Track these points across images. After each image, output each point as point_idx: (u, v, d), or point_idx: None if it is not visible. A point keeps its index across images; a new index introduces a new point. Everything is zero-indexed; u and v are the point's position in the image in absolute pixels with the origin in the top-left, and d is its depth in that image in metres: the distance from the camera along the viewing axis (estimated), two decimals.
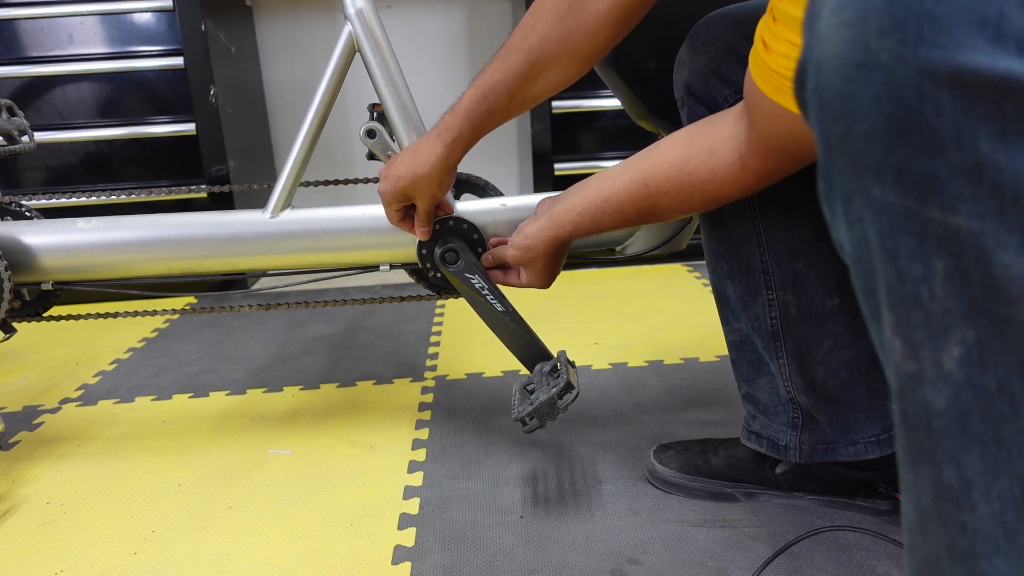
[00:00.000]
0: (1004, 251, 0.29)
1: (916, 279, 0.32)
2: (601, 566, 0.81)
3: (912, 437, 0.34)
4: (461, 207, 0.99)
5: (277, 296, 1.82)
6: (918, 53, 0.29)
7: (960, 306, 0.31)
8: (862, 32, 0.30)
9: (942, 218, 0.30)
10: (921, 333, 0.32)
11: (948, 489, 0.33)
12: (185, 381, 1.39)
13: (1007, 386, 0.31)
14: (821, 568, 0.78)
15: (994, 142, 0.28)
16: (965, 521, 0.33)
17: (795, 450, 0.86)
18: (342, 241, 1.00)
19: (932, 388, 0.33)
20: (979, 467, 0.32)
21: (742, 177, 0.69)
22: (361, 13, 0.96)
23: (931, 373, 0.32)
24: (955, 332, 0.31)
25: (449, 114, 0.83)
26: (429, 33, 2.27)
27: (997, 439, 0.31)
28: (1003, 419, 0.31)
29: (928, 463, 0.34)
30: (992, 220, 0.29)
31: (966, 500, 0.33)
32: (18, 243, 0.99)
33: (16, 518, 0.96)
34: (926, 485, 0.34)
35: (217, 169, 1.91)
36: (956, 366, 0.32)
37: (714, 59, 0.78)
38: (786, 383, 0.84)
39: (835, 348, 0.81)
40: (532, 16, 0.77)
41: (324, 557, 0.85)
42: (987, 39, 0.28)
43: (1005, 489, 0.32)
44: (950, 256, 0.30)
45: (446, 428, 1.14)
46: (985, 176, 0.29)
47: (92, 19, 1.81)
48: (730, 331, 0.89)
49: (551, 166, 2.01)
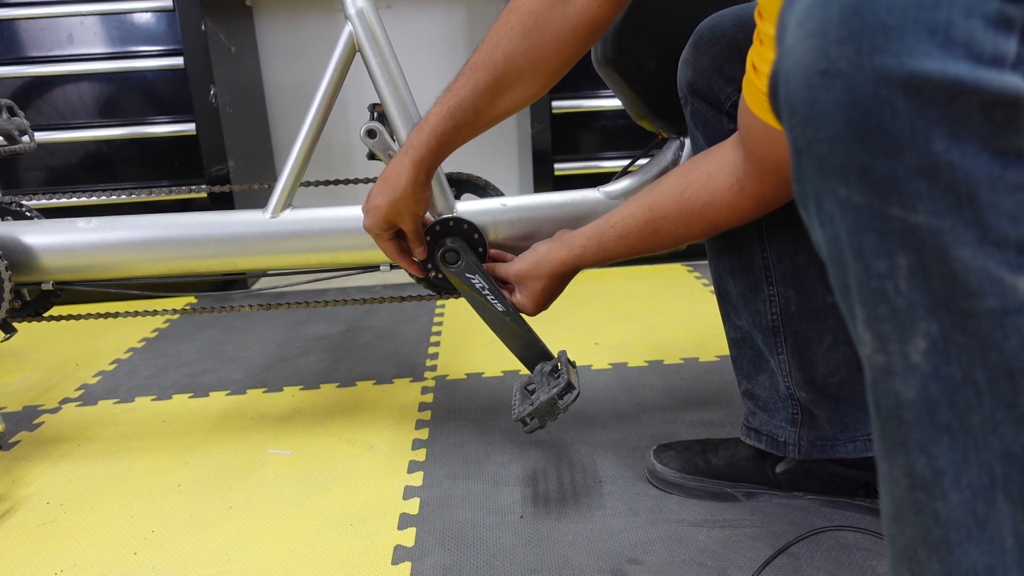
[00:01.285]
0: (962, 246, 0.31)
1: (881, 274, 0.33)
2: (601, 566, 0.81)
3: (885, 428, 0.35)
4: (461, 207, 0.99)
5: (277, 296, 1.82)
6: (873, 60, 0.30)
7: (923, 300, 0.32)
8: (823, 42, 0.32)
9: (903, 216, 0.31)
10: (888, 326, 0.34)
11: (921, 479, 0.34)
12: (185, 381, 1.39)
13: (971, 376, 0.32)
14: (821, 568, 0.78)
15: (947, 142, 0.30)
16: (938, 510, 0.34)
17: (794, 446, 0.86)
18: (342, 241, 1.00)
19: (901, 380, 0.34)
20: (948, 456, 0.33)
21: (740, 201, 0.70)
22: (361, 13, 0.96)
23: (899, 365, 0.34)
24: (920, 325, 0.33)
25: (415, 132, 0.82)
26: (429, 33, 2.27)
27: (964, 428, 0.33)
28: (969, 408, 0.32)
29: (901, 453, 0.35)
30: (949, 216, 0.31)
31: (938, 489, 0.34)
32: (18, 243, 0.99)
33: (16, 518, 0.96)
34: (900, 475, 0.35)
35: (217, 169, 1.91)
36: (923, 358, 0.33)
37: (717, 58, 0.78)
38: (786, 379, 0.85)
39: (835, 344, 0.82)
40: (496, 33, 0.77)
41: (324, 557, 0.85)
42: (936, 45, 0.29)
43: (974, 477, 0.33)
44: (912, 252, 0.32)
45: (446, 428, 1.14)
46: (940, 175, 0.30)
47: (92, 19, 1.81)
48: (731, 328, 0.90)
49: (551, 166, 2.01)
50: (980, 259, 0.31)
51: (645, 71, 0.92)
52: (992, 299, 0.31)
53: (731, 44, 0.78)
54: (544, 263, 0.87)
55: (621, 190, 0.99)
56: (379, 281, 1.99)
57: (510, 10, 0.77)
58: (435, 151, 0.81)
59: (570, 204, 0.99)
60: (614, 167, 1.97)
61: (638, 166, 1.02)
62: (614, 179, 1.01)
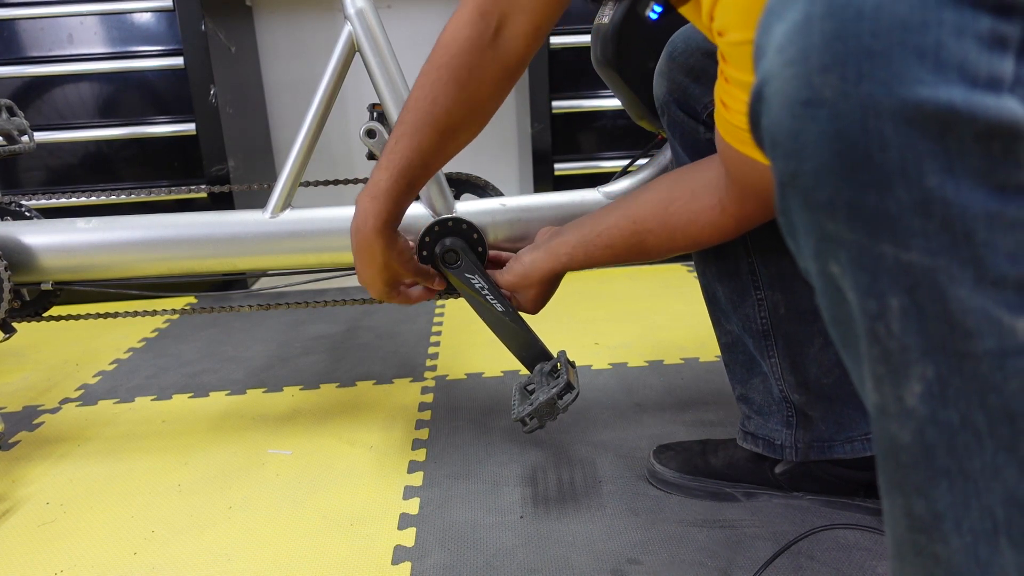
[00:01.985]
0: (958, 286, 0.29)
1: (872, 315, 0.31)
2: (601, 566, 0.81)
3: (885, 467, 0.34)
4: (461, 207, 0.99)
5: (277, 296, 1.82)
6: (860, 89, 0.29)
7: (918, 342, 0.31)
8: (805, 70, 0.30)
9: (895, 254, 0.30)
10: (882, 368, 0.32)
11: (920, 521, 0.33)
12: (185, 381, 1.39)
13: (970, 420, 0.31)
14: (821, 568, 0.78)
15: (941, 176, 0.28)
16: (938, 553, 0.33)
17: (791, 449, 0.86)
18: (342, 241, 0.99)
19: (897, 423, 0.32)
20: (948, 500, 0.32)
21: (722, 220, 0.71)
22: (361, 13, 0.96)
23: (894, 408, 0.32)
24: (915, 368, 0.31)
25: (368, 200, 0.79)
26: (429, 33, 2.26)
27: (964, 472, 0.31)
28: (968, 453, 0.31)
29: (899, 495, 0.34)
30: (944, 255, 0.29)
31: (938, 532, 0.32)
32: (18, 243, 0.99)
33: (16, 518, 0.96)
34: (900, 515, 0.34)
35: (217, 169, 1.91)
36: (918, 402, 0.31)
37: (692, 69, 0.79)
38: (779, 382, 0.85)
39: (826, 345, 0.82)
40: (428, 89, 0.76)
41: (324, 557, 0.85)
42: (927, 70, 0.28)
43: (976, 522, 0.31)
44: (905, 292, 0.30)
45: (446, 428, 1.14)
46: (935, 211, 0.29)
47: (92, 19, 1.81)
48: (722, 333, 0.90)
49: (551, 166, 2.01)
50: (977, 299, 0.29)
51: (645, 71, 0.92)
52: (991, 341, 0.29)
53: (706, 55, 0.78)
54: (532, 274, 0.87)
55: (621, 190, 0.99)
56: None
57: (438, 66, 0.76)
58: (395, 213, 0.80)
59: (570, 204, 0.99)
60: (614, 167, 1.97)
61: (638, 166, 1.02)
62: (614, 179, 1.01)
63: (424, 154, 0.78)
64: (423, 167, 0.79)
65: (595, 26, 0.93)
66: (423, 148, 0.77)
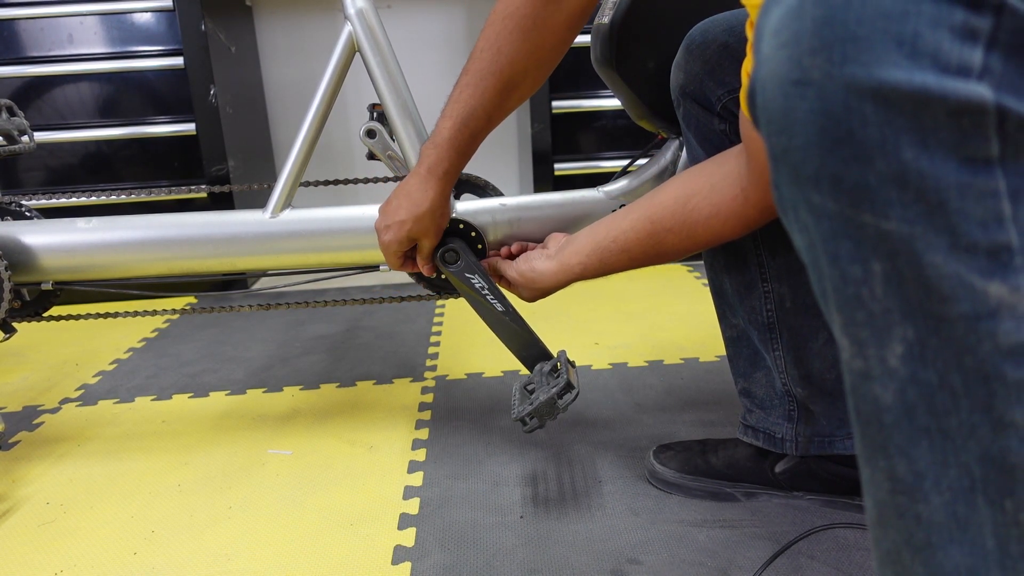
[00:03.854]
0: (934, 252, 0.31)
1: (857, 281, 0.33)
2: (601, 566, 0.81)
3: (866, 432, 0.36)
4: (461, 207, 0.99)
5: (277, 296, 1.82)
6: (844, 70, 0.31)
7: (899, 305, 0.33)
8: (796, 52, 0.32)
9: (875, 223, 0.32)
10: (866, 332, 0.34)
11: (902, 482, 0.35)
12: (185, 381, 1.39)
13: (947, 380, 0.32)
14: (821, 568, 0.78)
15: (916, 150, 0.30)
16: (920, 513, 0.34)
17: (792, 443, 0.86)
18: (342, 241, 1.00)
19: (880, 384, 0.34)
20: (928, 459, 0.34)
21: (744, 211, 0.70)
22: (361, 13, 0.96)
23: (878, 370, 0.34)
24: (896, 330, 0.33)
25: (431, 148, 0.83)
26: (429, 33, 2.27)
27: (943, 431, 0.33)
28: (946, 411, 0.33)
29: (882, 457, 0.35)
30: (920, 223, 0.31)
31: (919, 492, 0.34)
32: (18, 243, 0.99)
33: (16, 518, 0.96)
34: (882, 479, 0.36)
35: (217, 169, 1.91)
36: (900, 362, 0.33)
37: (708, 61, 0.79)
38: (782, 375, 0.85)
39: (830, 341, 0.82)
40: (494, 39, 0.79)
41: (324, 557, 0.85)
42: (904, 56, 0.30)
43: (954, 480, 0.33)
44: (886, 258, 0.32)
45: (446, 428, 1.14)
46: (910, 182, 0.31)
47: (92, 19, 1.81)
48: (727, 326, 0.90)
49: (551, 166, 2.01)
50: (952, 265, 0.31)
51: (645, 71, 0.92)
52: (965, 304, 0.31)
53: (722, 48, 0.78)
54: (540, 282, 0.87)
55: (621, 190, 0.99)
56: (379, 281, 1.99)
57: (503, 16, 0.78)
58: (456, 163, 0.83)
59: (570, 204, 0.99)
60: (614, 167, 1.97)
61: (638, 166, 1.02)
62: (614, 179, 1.01)
63: (487, 104, 0.80)
64: (486, 118, 0.81)
65: (595, 26, 0.93)
66: (486, 98, 0.80)
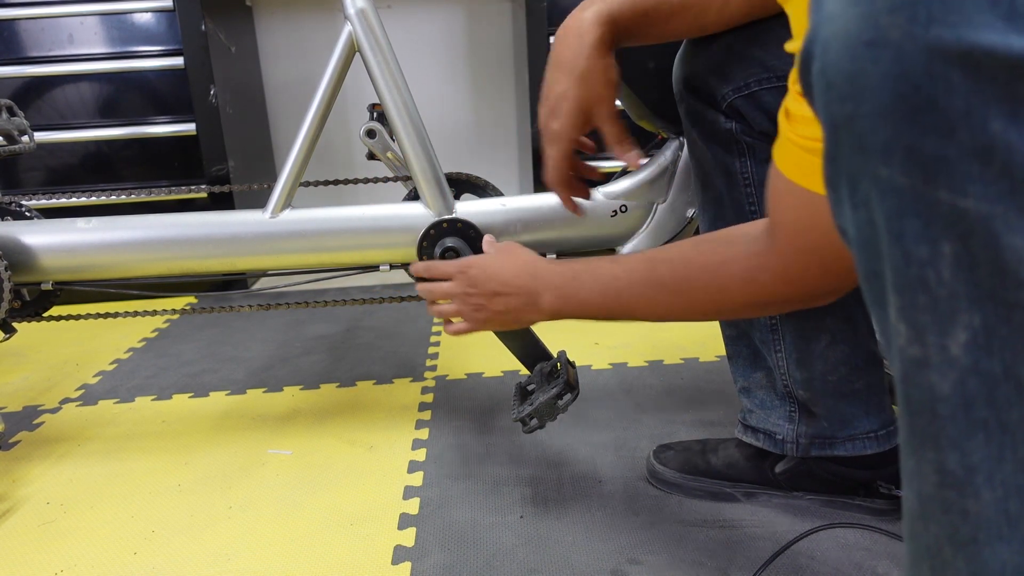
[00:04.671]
0: (1013, 234, 0.29)
1: (923, 262, 0.31)
2: (601, 566, 0.81)
3: (916, 423, 0.34)
4: (461, 207, 0.99)
5: (277, 296, 1.82)
6: (929, 31, 0.28)
7: (967, 290, 0.31)
8: (871, 10, 0.30)
9: (951, 200, 0.30)
10: (927, 317, 0.32)
11: (951, 476, 0.33)
12: (185, 381, 1.39)
13: (1013, 371, 0.31)
14: (821, 568, 0.78)
15: (1005, 122, 0.28)
16: (968, 508, 0.33)
17: (792, 444, 0.86)
18: (342, 241, 1.00)
19: (937, 373, 0.32)
20: (983, 453, 0.32)
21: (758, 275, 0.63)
22: (361, 13, 0.96)
23: (937, 358, 0.32)
24: (962, 316, 0.31)
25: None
26: (429, 33, 2.27)
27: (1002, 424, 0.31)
28: (1008, 404, 0.31)
29: (932, 449, 0.34)
30: (1002, 202, 0.29)
31: (969, 487, 0.32)
32: (18, 243, 0.99)
33: (16, 518, 0.96)
34: (929, 472, 0.34)
35: (217, 169, 1.91)
36: (962, 351, 0.31)
37: (712, 58, 0.78)
38: (784, 377, 0.85)
39: (833, 343, 0.82)
40: None
41: (324, 557, 0.85)
42: (999, 17, 0.27)
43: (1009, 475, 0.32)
44: (958, 239, 0.30)
45: (446, 428, 1.14)
46: (996, 157, 0.29)
47: (92, 19, 1.81)
48: (727, 326, 0.90)
49: None
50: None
51: (645, 71, 0.92)
52: None
53: (726, 48, 0.77)
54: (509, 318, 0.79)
55: (621, 190, 1.00)
56: (379, 281, 1.99)
57: None
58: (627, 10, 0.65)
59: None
60: (614, 167, 1.97)
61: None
62: (614, 179, 1.01)
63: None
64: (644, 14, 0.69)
65: None
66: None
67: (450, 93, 2.31)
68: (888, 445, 0.84)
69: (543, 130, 0.71)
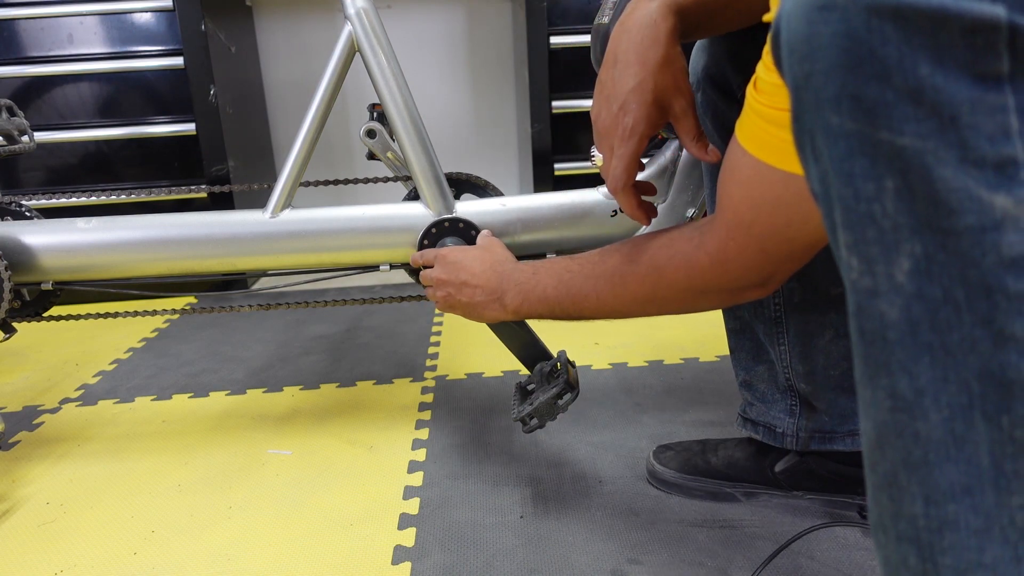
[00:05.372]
0: (944, 166, 0.32)
1: (870, 197, 0.34)
2: (601, 566, 0.81)
3: (869, 352, 0.37)
4: (461, 207, 0.99)
5: (277, 296, 1.82)
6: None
7: (908, 220, 0.34)
8: None
9: (891, 139, 0.33)
10: (875, 249, 0.35)
11: (902, 399, 0.35)
12: (185, 381, 1.39)
13: (951, 295, 0.33)
14: (821, 567, 0.78)
15: (932, 67, 0.32)
16: (919, 430, 0.35)
17: (792, 438, 0.86)
18: (342, 241, 1.00)
19: (886, 300, 0.35)
20: (929, 375, 0.34)
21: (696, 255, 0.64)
22: (361, 13, 0.96)
23: (885, 286, 0.35)
24: (905, 245, 0.34)
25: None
26: (429, 33, 2.27)
27: (944, 346, 0.34)
28: (949, 327, 0.34)
29: (884, 375, 0.36)
30: (932, 138, 0.32)
31: (919, 409, 0.35)
32: (18, 243, 0.99)
33: (16, 518, 0.96)
34: (883, 398, 0.36)
35: (217, 169, 1.91)
36: (907, 278, 0.34)
37: (732, 44, 0.78)
38: (786, 370, 0.85)
39: (836, 337, 0.82)
40: None
41: (324, 557, 0.85)
42: None
43: (953, 396, 0.34)
44: (898, 174, 0.33)
45: (446, 428, 1.14)
46: (925, 98, 0.32)
47: (92, 19, 1.81)
48: (731, 318, 0.90)
49: (551, 166, 2.01)
50: (960, 178, 0.32)
51: None
52: (971, 217, 0.32)
53: (745, 33, 0.76)
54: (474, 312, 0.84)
55: None
56: (379, 281, 1.99)
57: None
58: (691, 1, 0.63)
59: (569, 204, 0.99)
60: None
61: None
62: None
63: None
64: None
65: (595, 26, 0.93)
66: None
67: (450, 93, 2.31)
68: None
69: (608, 131, 0.66)
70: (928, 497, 0.35)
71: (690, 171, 0.96)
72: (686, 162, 0.96)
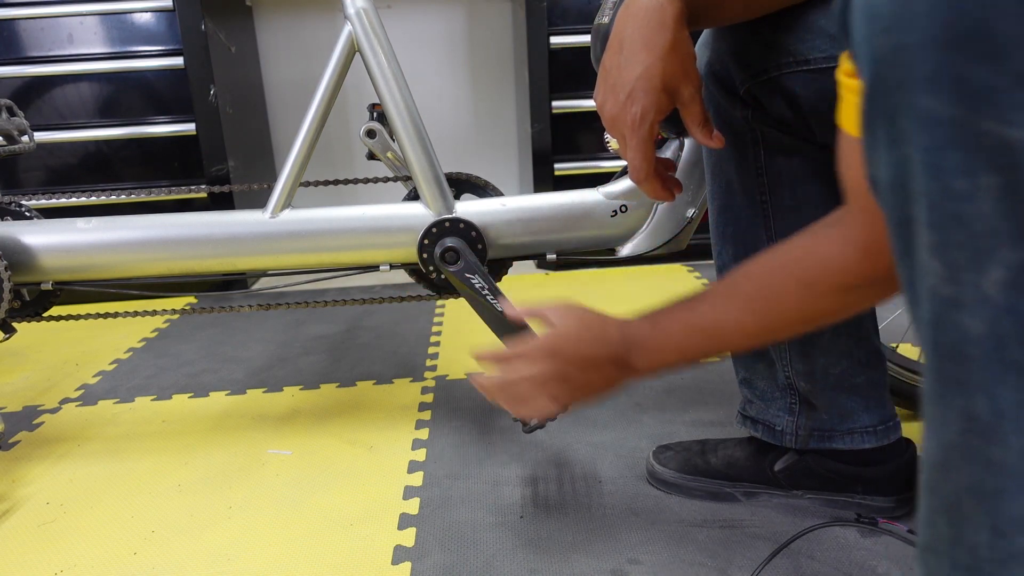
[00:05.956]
0: None
1: (961, 196, 0.30)
2: (601, 566, 0.81)
3: (943, 367, 0.33)
4: (461, 207, 0.99)
5: (277, 296, 1.82)
6: None
7: (1007, 226, 0.29)
8: None
9: (997, 130, 0.28)
10: (963, 254, 0.31)
11: (978, 421, 0.32)
12: (185, 381, 1.39)
13: None
14: (821, 567, 0.78)
15: None
16: (992, 456, 0.31)
17: (791, 435, 0.86)
18: (342, 241, 1.00)
19: (970, 313, 0.31)
20: (1013, 397, 0.30)
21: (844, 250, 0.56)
22: (361, 13, 0.96)
23: (970, 296, 0.31)
24: (999, 253, 0.30)
25: None
26: (429, 33, 2.27)
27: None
28: None
29: (958, 394, 0.32)
30: None
31: (996, 433, 0.31)
32: (18, 243, 0.99)
33: (16, 518, 0.96)
34: (954, 419, 0.32)
35: (217, 169, 1.91)
36: (997, 289, 0.30)
37: (737, 41, 0.77)
38: (785, 368, 0.85)
39: (836, 335, 0.82)
40: None
41: (324, 557, 0.85)
42: None
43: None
44: (1001, 171, 0.29)
45: (446, 428, 1.14)
46: None
47: (92, 19, 1.81)
48: None
49: (551, 166, 2.00)
50: None
51: None
52: None
53: (752, 30, 0.75)
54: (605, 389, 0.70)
55: (620, 190, 0.99)
56: (379, 281, 1.99)
57: None
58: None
59: (570, 204, 0.99)
60: (614, 167, 1.97)
61: None
62: (613, 179, 1.01)
63: None
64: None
65: (595, 26, 0.93)
66: None
67: (450, 93, 2.31)
68: (886, 440, 0.84)
69: (615, 120, 0.64)
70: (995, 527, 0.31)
71: (691, 171, 0.96)
72: (686, 162, 0.96)
